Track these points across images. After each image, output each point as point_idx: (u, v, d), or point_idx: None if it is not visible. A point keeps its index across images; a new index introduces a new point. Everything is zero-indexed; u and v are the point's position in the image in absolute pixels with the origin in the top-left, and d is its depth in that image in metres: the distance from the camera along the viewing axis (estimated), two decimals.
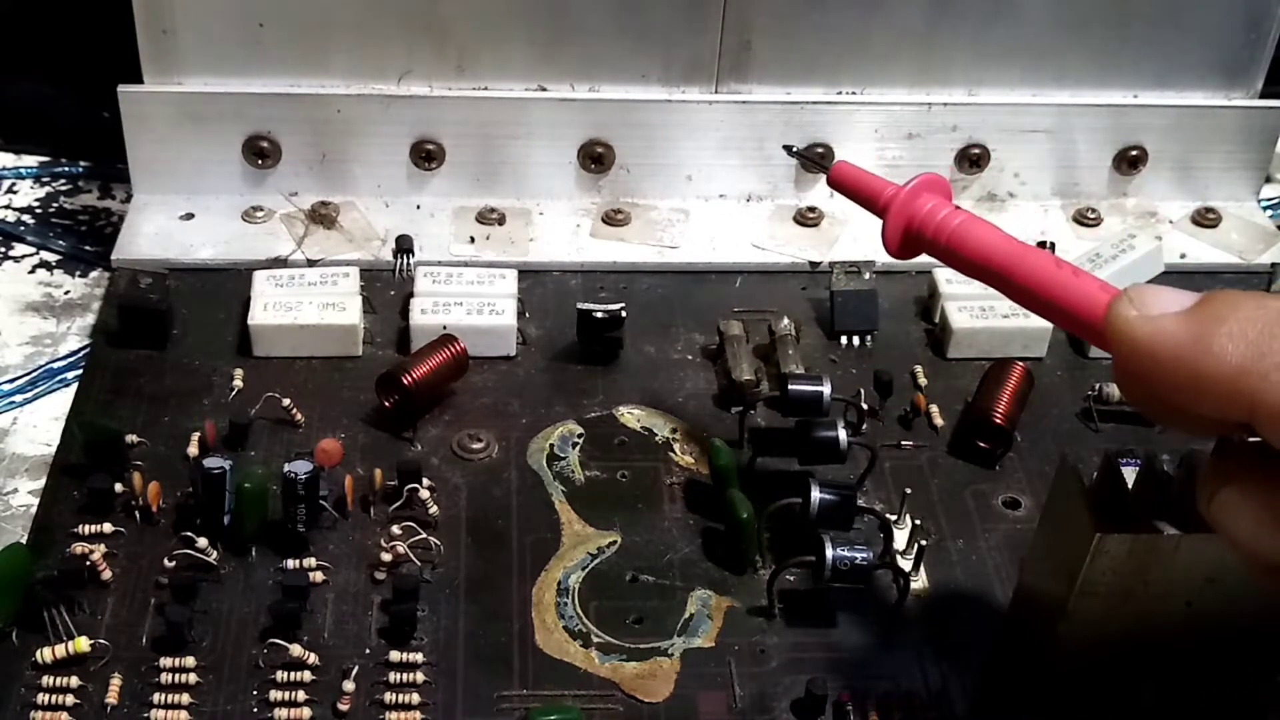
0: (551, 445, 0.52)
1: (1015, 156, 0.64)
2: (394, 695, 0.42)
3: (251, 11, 0.58)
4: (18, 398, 0.54)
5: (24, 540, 0.46)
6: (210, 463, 0.46)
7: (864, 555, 0.44)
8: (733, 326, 0.56)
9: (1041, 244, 0.60)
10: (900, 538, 0.48)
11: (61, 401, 0.54)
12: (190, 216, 0.61)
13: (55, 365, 0.56)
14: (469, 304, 0.55)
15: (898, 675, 0.44)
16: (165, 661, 0.43)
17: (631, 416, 0.53)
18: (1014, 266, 0.37)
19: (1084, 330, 0.36)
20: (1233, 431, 0.32)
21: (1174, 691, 0.40)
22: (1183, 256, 0.63)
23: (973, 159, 0.64)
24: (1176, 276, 0.61)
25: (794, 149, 0.48)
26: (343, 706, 0.42)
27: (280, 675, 0.42)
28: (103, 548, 0.46)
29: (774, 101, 0.62)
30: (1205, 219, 0.64)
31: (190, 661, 0.42)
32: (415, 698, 0.42)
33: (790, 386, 0.51)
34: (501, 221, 0.62)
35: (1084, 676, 0.40)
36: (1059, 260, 0.37)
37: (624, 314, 0.54)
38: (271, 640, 0.43)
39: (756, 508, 0.47)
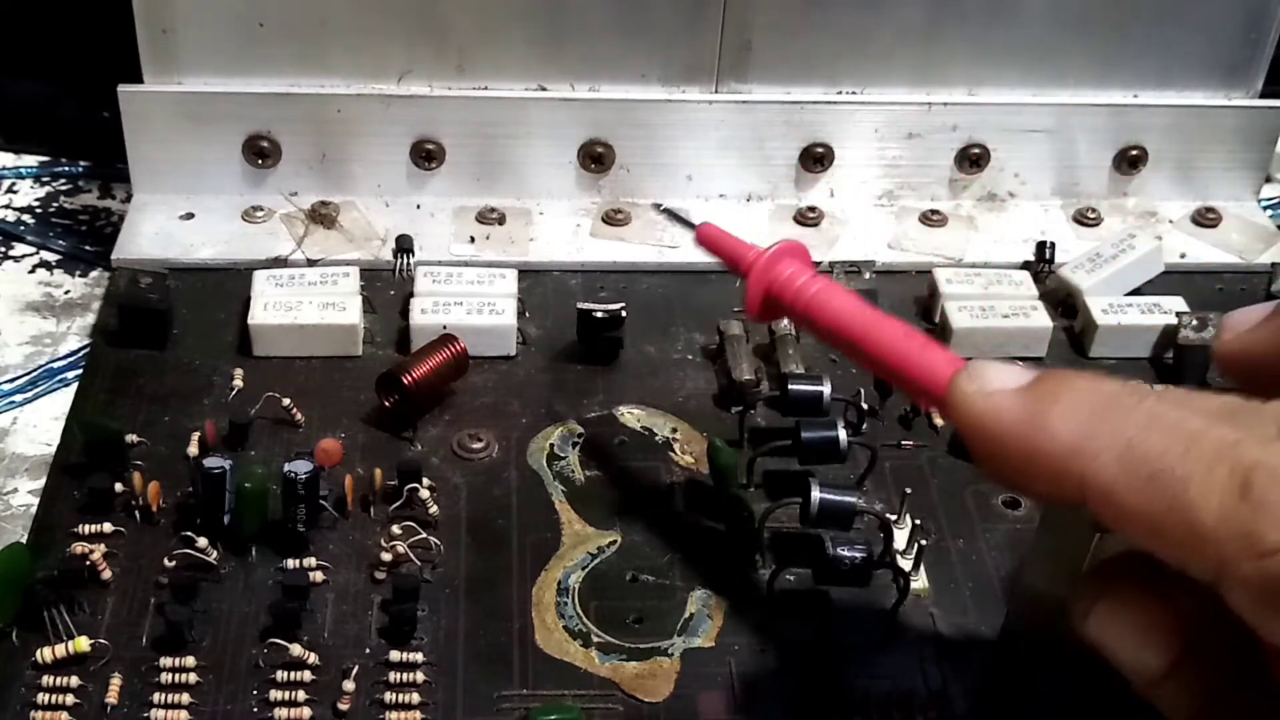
0: (551, 445, 0.52)
1: (1015, 156, 0.64)
2: (394, 695, 0.42)
3: (251, 11, 0.58)
4: (18, 398, 0.54)
5: (24, 540, 0.46)
6: (210, 463, 0.46)
7: (863, 554, 0.44)
8: (733, 326, 0.56)
9: (1041, 244, 0.60)
10: (900, 538, 0.48)
11: (61, 401, 0.54)
12: (190, 216, 0.61)
13: (55, 365, 0.56)
14: (469, 304, 0.55)
15: (898, 675, 0.44)
16: (165, 661, 0.42)
17: (631, 416, 0.53)
18: (864, 336, 0.38)
19: (931, 403, 0.36)
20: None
21: None
22: (1182, 256, 0.63)
23: (973, 159, 0.64)
24: (1177, 276, 0.61)
25: (661, 206, 0.50)
26: (343, 706, 0.42)
27: (280, 675, 0.42)
28: (103, 547, 0.46)
29: (774, 101, 0.62)
30: (1205, 219, 0.64)
31: (190, 661, 0.42)
32: (415, 698, 0.42)
33: (790, 386, 0.51)
34: (501, 221, 0.62)
35: (1084, 676, 0.40)
36: (910, 331, 0.37)
37: (624, 314, 0.54)
38: (271, 640, 0.43)
39: (756, 508, 0.47)
